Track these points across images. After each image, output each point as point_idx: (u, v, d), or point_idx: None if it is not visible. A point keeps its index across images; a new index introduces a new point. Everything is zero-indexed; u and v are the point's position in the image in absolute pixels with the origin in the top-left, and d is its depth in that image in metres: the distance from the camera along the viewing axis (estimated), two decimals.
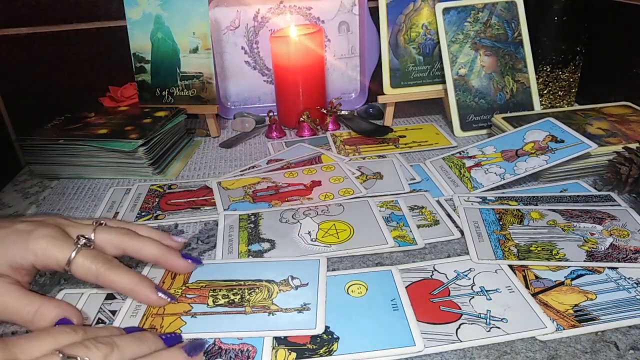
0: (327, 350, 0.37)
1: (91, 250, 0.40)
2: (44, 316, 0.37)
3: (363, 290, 0.43)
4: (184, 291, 0.44)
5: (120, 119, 0.72)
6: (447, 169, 0.65)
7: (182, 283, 0.45)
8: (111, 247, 0.42)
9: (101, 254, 0.41)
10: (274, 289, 0.43)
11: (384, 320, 0.40)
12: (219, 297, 0.43)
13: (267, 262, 0.47)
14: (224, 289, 0.44)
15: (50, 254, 0.39)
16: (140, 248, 0.43)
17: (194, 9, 0.74)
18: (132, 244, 0.43)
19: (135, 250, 0.43)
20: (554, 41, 0.79)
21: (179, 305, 0.42)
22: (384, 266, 0.47)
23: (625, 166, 0.56)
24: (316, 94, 0.81)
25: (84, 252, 0.40)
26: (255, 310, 0.41)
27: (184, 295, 0.43)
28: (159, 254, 0.44)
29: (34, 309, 0.37)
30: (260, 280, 0.45)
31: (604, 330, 0.38)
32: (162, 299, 0.41)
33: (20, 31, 0.83)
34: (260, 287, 0.44)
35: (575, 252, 0.47)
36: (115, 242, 0.43)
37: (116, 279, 0.40)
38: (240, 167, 0.69)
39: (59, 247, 0.39)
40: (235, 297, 0.43)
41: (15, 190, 0.67)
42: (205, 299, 0.43)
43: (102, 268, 0.39)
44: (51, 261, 0.39)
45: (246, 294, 0.43)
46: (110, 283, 0.40)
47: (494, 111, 0.76)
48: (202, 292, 0.43)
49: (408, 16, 0.77)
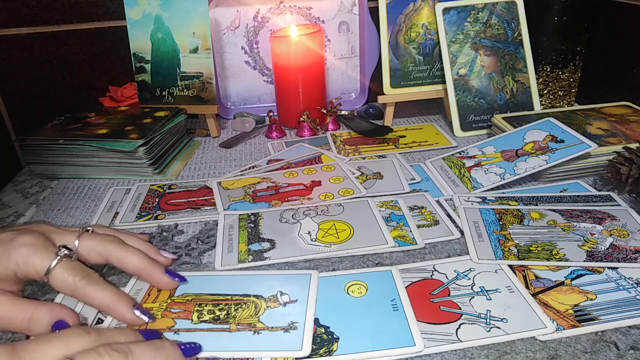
0: (327, 351, 0.37)
1: (71, 262, 0.39)
2: (38, 321, 0.36)
3: (363, 291, 0.43)
4: (169, 305, 0.42)
5: (120, 119, 0.72)
6: (447, 169, 0.65)
7: (167, 296, 0.43)
8: (94, 254, 0.41)
9: (81, 267, 0.39)
10: (261, 305, 0.42)
11: (384, 320, 0.40)
12: (204, 312, 0.41)
13: (257, 275, 0.46)
14: (210, 303, 0.42)
15: (30, 263, 0.38)
16: (123, 257, 0.42)
17: (194, 9, 0.74)
18: (115, 252, 0.42)
19: (118, 260, 0.42)
20: (554, 41, 0.79)
21: (163, 320, 0.40)
22: (384, 266, 0.47)
23: (625, 166, 0.56)
24: (316, 94, 0.81)
25: (63, 263, 0.38)
26: (241, 327, 0.39)
27: (168, 310, 0.42)
28: (142, 266, 0.42)
29: (28, 315, 0.36)
30: (248, 295, 0.43)
31: (604, 330, 0.38)
32: (138, 319, 0.39)
33: (20, 31, 0.83)
34: (247, 303, 0.42)
35: (575, 252, 0.47)
36: (99, 249, 0.41)
37: (93, 294, 0.38)
38: (240, 167, 0.70)
39: (39, 256, 0.38)
40: (221, 312, 0.41)
41: (15, 190, 0.67)
42: (190, 314, 0.41)
43: (80, 282, 0.38)
44: (31, 270, 0.38)
45: (232, 310, 0.41)
46: (87, 298, 0.38)
47: (494, 111, 0.76)
48: (188, 307, 0.42)
49: (408, 16, 0.77)
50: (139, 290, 0.44)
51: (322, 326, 0.40)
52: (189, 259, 0.49)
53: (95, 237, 0.42)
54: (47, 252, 0.39)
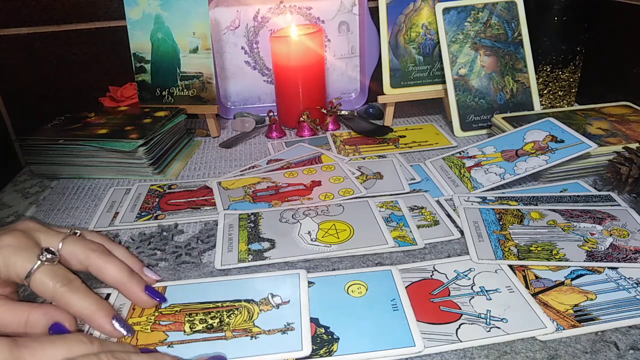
0: (327, 351, 0.37)
1: (53, 266, 0.38)
2: (35, 325, 0.36)
3: (363, 290, 0.43)
4: (157, 317, 0.41)
5: (120, 119, 0.72)
6: (447, 169, 0.65)
7: (154, 309, 0.42)
8: (76, 261, 0.40)
9: (62, 272, 0.38)
10: (254, 310, 0.41)
11: (384, 320, 0.40)
12: (195, 322, 0.40)
13: (244, 280, 0.45)
14: (201, 312, 0.41)
15: (11, 265, 0.37)
16: (102, 268, 0.40)
17: (194, 9, 0.74)
18: (96, 261, 0.40)
19: (97, 270, 0.40)
20: (554, 41, 0.79)
21: (153, 334, 0.39)
22: (384, 266, 0.47)
23: (625, 166, 0.56)
24: (316, 94, 0.81)
25: (45, 267, 0.37)
26: (237, 334, 0.39)
27: (157, 323, 0.40)
28: (121, 280, 0.41)
29: (23, 319, 0.36)
30: (239, 301, 0.42)
31: (604, 330, 0.38)
32: (116, 331, 0.38)
33: (20, 31, 0.83)
34: (239, 309, 0.41)
35: (575, 252, 0.47)
36: (80, 256, 0.40)
37: (72, 302, 0.37)
38: (240, 167, 0.69)
39: (21, 257, 0.37)
40: (214, 321, 0.40)
41: (15, 190, 0.67)
42: (182, 325, 0.40)
43: (60, 288, 0.37)
44: (12, 273, 0.37)
45: (225, 317, 0.40)
46: (66, 306, 0.37)
47: (494, 111, 0.76)
48: (178, 318, 0.40)
49: (408, 16, 0.77)
50: (123, 304, 0.42)
51: (322, 326, 0.40)
52: (189, 258, 0.49)
53: (80, 242, 0.41)
54: (29, 254, 0.38)
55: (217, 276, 0.46)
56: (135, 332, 0.39)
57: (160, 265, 0.49)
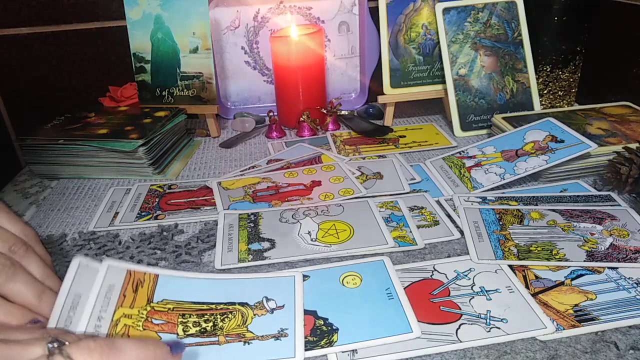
0: (327, 342, 0.38)
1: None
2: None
3: (358, 281, 0.44)
4: (149, 313, 0.39)
5: (120, 119, 0.72)
6: (447, 169, 0.65)
7: (146, 301, 0.39)
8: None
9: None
10: (248, 314, 0.41)
11: (380, 309, 0.41)
12: (189, 324, 0.39)
13: (239, 280, 0.44)
14: (194, 314, 0.40)
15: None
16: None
17: (194, 9, 0.74)
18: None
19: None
20: (554, 41, 0.79)
21: (145, 332, 0.38)
22: (376, 256, 0.47)
23: (625, 166, 0.56)
24: (316, 94, 0.81)
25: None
26: (230, 339, 0.38)
27: (149, 321, 0.38)
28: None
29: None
30: (233, 303, 0.41)
31: (604, 330, 0.38)
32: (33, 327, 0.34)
33: (20, 31, 0.83)
34: (233, 312, 0.41)
35: (575, 252, 0.47)
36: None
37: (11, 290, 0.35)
38: (240, 167, 0.69)
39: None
40: (207, 324, 0.39)
41: (15, 190, 0.67)
42: (174, 326, 0.39)
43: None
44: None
45: (219, 321, 0.40)
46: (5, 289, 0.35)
47: (494, 111, 0.76)
48: (170, 317, 0.39)
49: (408, 16, 0.77)
50: (112, 286, 0.38)
51: (320, 318, 0.40)
52: (189, 257, 0.50)
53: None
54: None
55: (212, 273, 0.46)
56: (127, 328, 0.37)
57: (160, 264, 0.49)
